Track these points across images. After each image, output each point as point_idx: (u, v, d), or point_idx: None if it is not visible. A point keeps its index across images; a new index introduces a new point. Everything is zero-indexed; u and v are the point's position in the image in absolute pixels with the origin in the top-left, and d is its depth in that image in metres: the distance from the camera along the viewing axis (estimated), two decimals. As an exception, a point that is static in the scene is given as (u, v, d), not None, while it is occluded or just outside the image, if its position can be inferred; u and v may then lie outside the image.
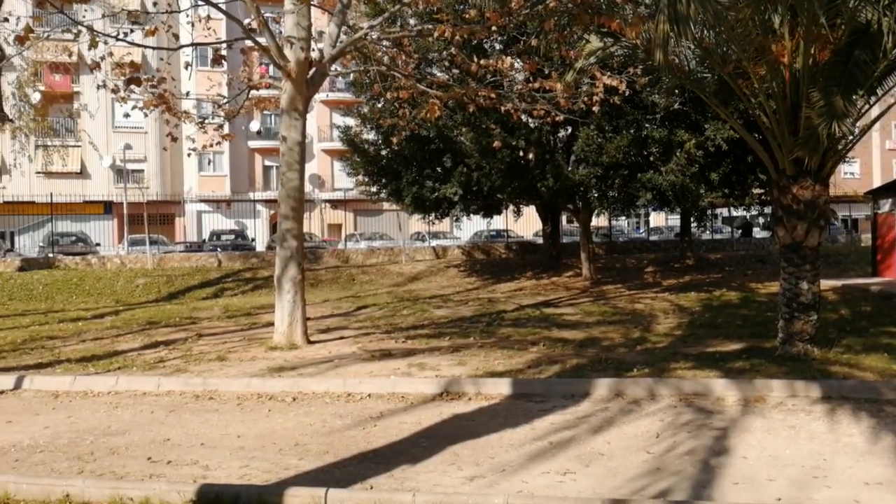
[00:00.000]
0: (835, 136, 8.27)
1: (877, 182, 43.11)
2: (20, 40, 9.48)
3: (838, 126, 7.88)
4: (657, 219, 42.35)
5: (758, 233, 34.21)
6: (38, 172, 33.88)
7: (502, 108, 12.16)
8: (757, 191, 20.50)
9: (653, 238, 32.68)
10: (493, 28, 11.20)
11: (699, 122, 17.25)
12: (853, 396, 6.98)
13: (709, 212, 23.72)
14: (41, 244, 29.45)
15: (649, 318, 13.27)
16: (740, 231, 32.73)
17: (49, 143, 25.88)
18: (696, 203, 18.68)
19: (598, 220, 27.78)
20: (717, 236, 32.10)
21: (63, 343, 11.72)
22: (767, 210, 26.84)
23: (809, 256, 8.93)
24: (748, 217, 32.74)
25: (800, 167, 8.83)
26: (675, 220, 33.11)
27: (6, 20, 13.81)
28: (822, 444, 5.69)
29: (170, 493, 4.66)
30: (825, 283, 11.38)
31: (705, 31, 8.79)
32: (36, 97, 23.93)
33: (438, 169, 19.17)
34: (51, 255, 24.78)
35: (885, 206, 18.08)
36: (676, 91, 15.98)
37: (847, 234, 35.28)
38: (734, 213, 33.22)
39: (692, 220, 23.66)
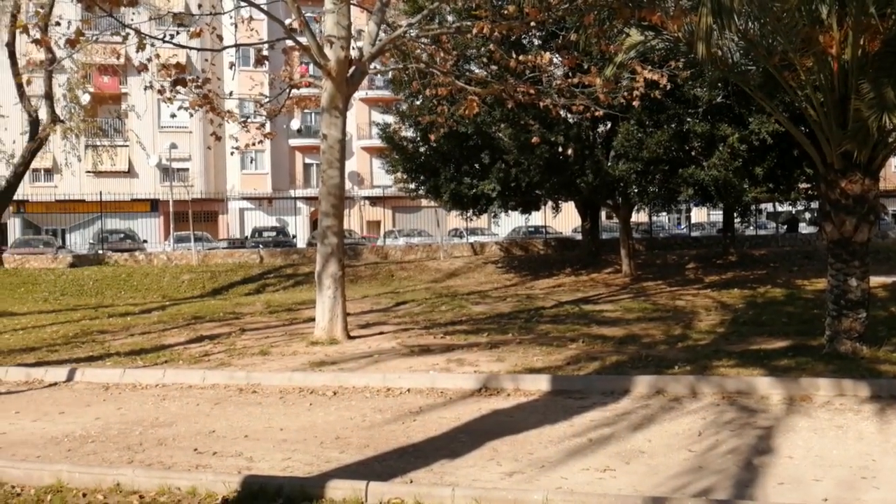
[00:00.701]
0: (885, 129, 8.03)
1: (930, 176, 41.62)
2: (71, 43, 9.81)
3: (889, 118, 7.65)
4: (699, 214, 41.59)
5: (804, 228, 33.38)
6: (88, 172, 34.88)
7: (541, 104, 12.09)
8: (803, 185, 19.98)
9: (694, 234, 32.09)
10: (532, 23, 11.14)
11: (743, 116, 16.88)
12: (904, 396, 6.79)
13: (753, 207, 23.17)
14: (91, 241, 30.37)
15: (691, 314, 13.08)
16: (785, 226, 31.97)
17: (98, 144, 26.60)
18: (739, 198, 18.30)
19: (639, 216, 27.46)
20: (762, 232, 31.40)
21: (112, 337, 12.07)
22: (814, 205, 26.15)
23: (858, 252, 8.70)
24: (794, 212, 31.94)
25: (848, 161, 8.59)
26: (717, 215, 32.46)
27: (57, 24, 14.25)
28: (870, 445, 5.55)
29: (216, 483, 4.78)
30: (874, 280, 11.06)
31: (750, 23, 8.61)
32: (85, 99, 24.57)
33: (477, 165, 19.17)
34: (100, 251, 25.57)
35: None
36: (719, 84, 15.64)
37: (898, 230, 34.13)
38: (779, 209, 32.42)
39: (735, 215, 23.18)
